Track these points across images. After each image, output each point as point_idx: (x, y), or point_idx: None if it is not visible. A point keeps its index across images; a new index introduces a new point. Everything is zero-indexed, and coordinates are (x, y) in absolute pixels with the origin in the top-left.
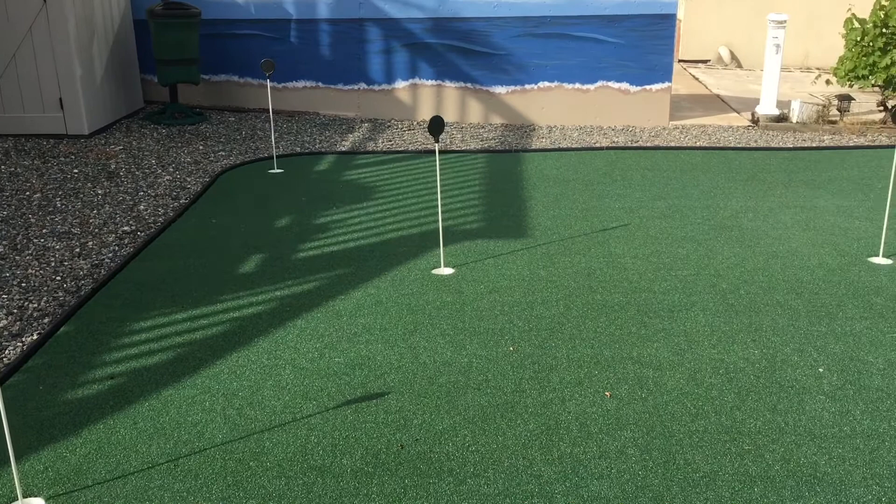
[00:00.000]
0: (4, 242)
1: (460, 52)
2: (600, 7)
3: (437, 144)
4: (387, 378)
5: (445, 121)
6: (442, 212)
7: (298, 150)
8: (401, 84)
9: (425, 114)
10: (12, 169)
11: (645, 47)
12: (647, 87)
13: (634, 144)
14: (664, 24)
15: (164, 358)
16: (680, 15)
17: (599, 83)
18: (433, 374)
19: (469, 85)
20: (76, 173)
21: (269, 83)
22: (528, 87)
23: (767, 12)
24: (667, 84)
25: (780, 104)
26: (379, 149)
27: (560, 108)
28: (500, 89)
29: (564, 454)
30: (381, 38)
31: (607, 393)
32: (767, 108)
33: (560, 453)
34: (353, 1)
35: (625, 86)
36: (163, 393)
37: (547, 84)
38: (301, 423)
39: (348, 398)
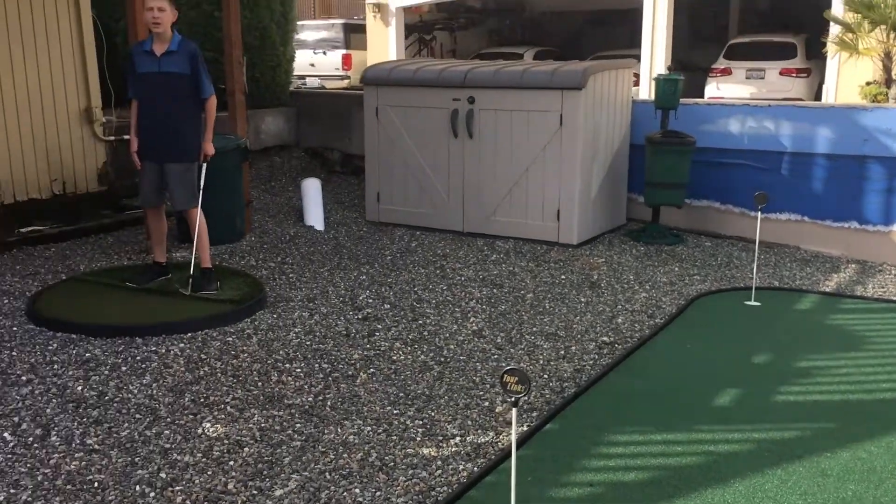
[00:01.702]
0: (502, 334)
1: None
2: None
3: None
4: None
5: None
6: None
7: (776, 283)
8: None
9: None
10: (511, 268)
11: None
12: None
13: None
14: None
15: (639, 477)
16: None
17: None
18: None
19: None
20: (563, 279)
21: (759, 215)
22: None
23: None
24: None
25: None
26: (869, 294)
27: None
28: None
29: None
30: (884, 176)
31: None
32: None
33: None
34: (857, 137)
35: None
36: None
37: None
38: None
39: None
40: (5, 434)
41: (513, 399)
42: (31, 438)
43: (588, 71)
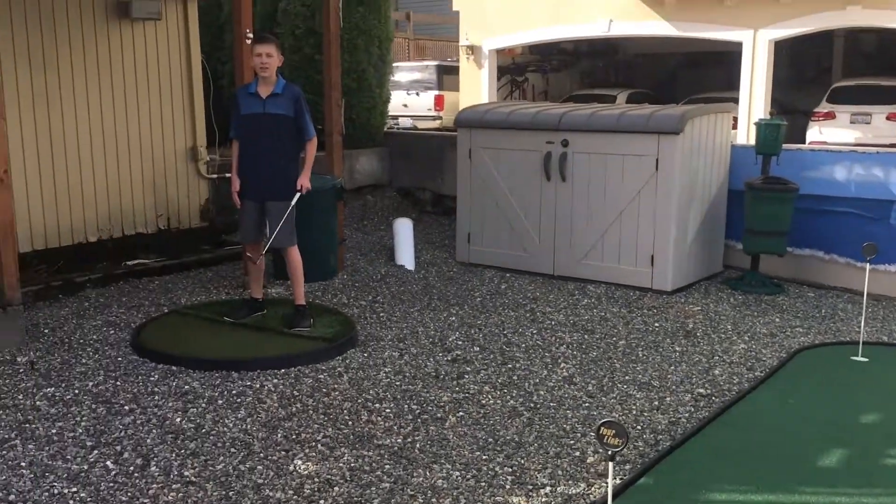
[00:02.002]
0: (593, 382)
1: None
2: None
3: None
4: None
5: None
6: None
7: (885, 339)
8: None
9: None
10: (602, 314)
11: None
12: None
13: None
14: None
15: None
16: None
17: None
18: None
19: None
20: (657, 327)
21: (867, 266)
22: None
23: None
24: None
25: None
26: None
27: None
28: None
29: None
30: None
31: None
32: None
33: None
34: None
35: None
36: None
37: None
38: None
39: None
40: (108, 462)
41: (609, 453)
42: (131, 468)
43: (686, 115)
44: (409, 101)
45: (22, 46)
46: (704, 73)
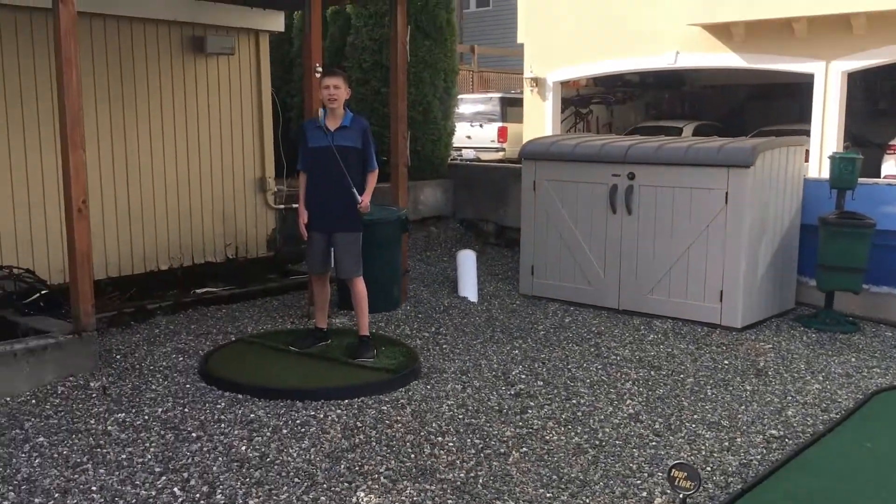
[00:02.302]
0: (660, 420)
1: None
2: None
3: None
4: None
5: None
6: None
7: None
8: None
9: None
10: (669, 350)
11: None
12: None
13: None
14: None
15: None
16: None
17: None
18: None
19: None
20: (726, 364)
21: None
22: None
23: None
24: None
25: None
26: None
27: None
28: None
29: None
30: None
31: None
32: None
33: None
34: None
35: None
36: None
37: None
38: None
39: None
40: (175, 489)
41: (680, 496)
42: (198, 495)
43: (757, 148)
44: (473, 132)
45: (102, 78)
46: (774, 104)
